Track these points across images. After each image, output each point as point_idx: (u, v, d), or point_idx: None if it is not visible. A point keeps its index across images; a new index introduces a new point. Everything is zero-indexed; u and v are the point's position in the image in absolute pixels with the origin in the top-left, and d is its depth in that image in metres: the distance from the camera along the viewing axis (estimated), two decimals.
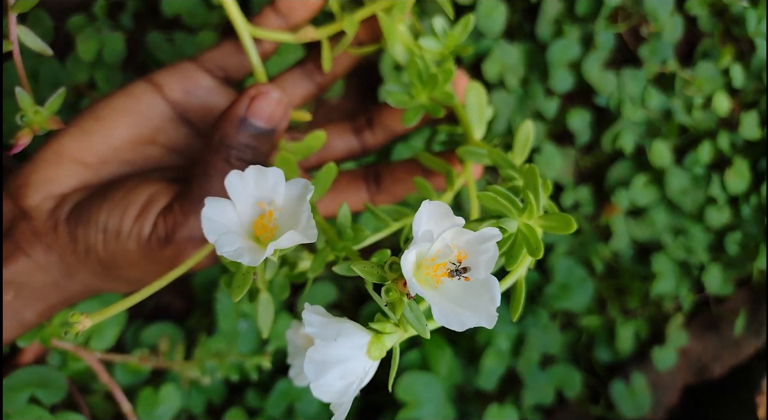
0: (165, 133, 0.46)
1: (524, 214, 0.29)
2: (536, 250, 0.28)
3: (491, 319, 0.24)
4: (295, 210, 0.28)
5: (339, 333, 0.26)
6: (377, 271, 0.26)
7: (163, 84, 0.44)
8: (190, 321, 0.80)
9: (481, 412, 0.79)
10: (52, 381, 0.62)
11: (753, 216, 0.96)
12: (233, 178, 0.28)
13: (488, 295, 0.24)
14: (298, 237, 0.27)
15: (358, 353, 0.27)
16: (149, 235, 0.40)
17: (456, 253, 0.25)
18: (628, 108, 0.88)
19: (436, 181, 0.42)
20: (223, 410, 0.76)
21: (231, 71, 0.47)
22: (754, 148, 0.97)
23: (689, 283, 0.96)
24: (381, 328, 0.27)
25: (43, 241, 0.41)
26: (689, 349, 0.98)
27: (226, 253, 0.26)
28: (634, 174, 0.91)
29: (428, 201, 0.24)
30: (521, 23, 0.88)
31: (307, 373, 0.26)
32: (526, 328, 0.84)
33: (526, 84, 0.86)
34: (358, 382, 0.27)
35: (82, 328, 0.33)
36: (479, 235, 0.25)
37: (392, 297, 0.25)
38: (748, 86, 0.97)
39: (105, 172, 0.45)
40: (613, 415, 0.90)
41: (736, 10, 0.95)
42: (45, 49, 0.41)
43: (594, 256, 0.90)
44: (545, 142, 0.87)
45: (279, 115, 0.39)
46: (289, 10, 0.44)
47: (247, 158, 0.38)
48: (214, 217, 0.27)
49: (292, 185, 0.29)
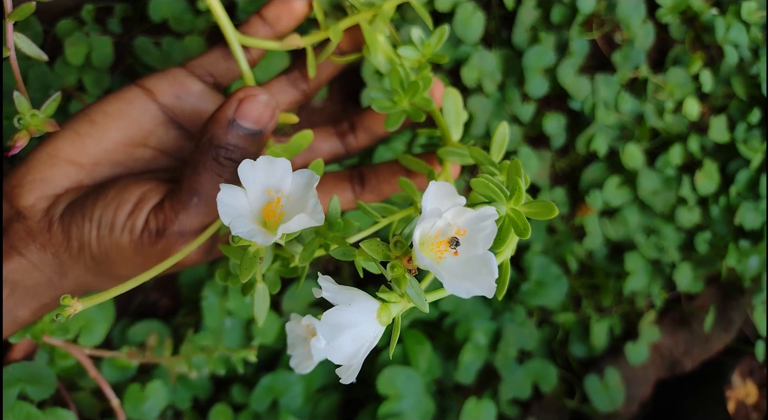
0: (156, 135, 0.47)
1: (512, 200, 0.31)
2: (524, 231, 0.31)
3: (491, 289, 0.26)
4: (302, 197, 0.31)
5: (352, 299, 0.29)
6: (383, 249, 0.29)
7: (154, 89, 0.46)
8: (176, 319, 0.81)
9: (460, 405, 0.81)
10: (41, 377, 0.63)
11: (722, 216, 0.99)
12: (246, 166, 0.30)
13: (487, 269, 0.27)
14: (306, 220, 0.29)
15: (369, 318, 0.29)
16: (141, 231, 0.41)
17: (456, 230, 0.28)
18: (602, 112, 0.91)
19: (418, 181, 0.45)
20: (208, 406, 0.78)
21: (219, 77, 0.49)
22: (723, 151, 1.01)
23: (661, 280, 0.99)
24: (388, 297, 0.29)
25: (37, 241, 0.42)
26: (661, 344, 1.01)
27: (240, 233, 0.28)
28: (607, 176, 0.94)
29: (434, 181, 0.27)
30: (498, 30, 0.91)
31: (322, 335, 0.28)
32: (504, 324, 0.86)
33: (504, 89, 0.88)
34: (367, 345, 0.29)
35: (73, 311, 0.34)
36: (478, 213, 0.28)
37: (397, 272, 0.28)
38: (717, 91, 1.00)
39: (97, 173, 0.46)
40: (588, 409, 0.93)
41: (706, 18, 0.98)
42: (41, 56, 0.42)
43: (569, 254, 0.93)
44: (522, 145, 0.89)
45: (267, 117, 0.40)
46: (275, 19, 0.46)
47: (235, 158, 0.40)
48: (228, 202, 0.29)
49: (299, 175, 0.31)
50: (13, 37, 0.42)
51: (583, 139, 0.93)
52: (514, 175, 0.32)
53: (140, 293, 0.83)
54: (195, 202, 0.40)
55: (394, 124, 0.39)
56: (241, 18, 0.78)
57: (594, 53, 0.95)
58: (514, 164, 0.33)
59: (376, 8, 0.41)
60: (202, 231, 0.40)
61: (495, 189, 0.31)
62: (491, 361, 0.86)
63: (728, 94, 1.01)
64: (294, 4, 0.45)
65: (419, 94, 0.38)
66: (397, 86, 0.38)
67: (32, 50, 0.42)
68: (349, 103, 0.87)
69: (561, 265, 0.93)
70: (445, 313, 0.85)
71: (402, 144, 0.83)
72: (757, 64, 0.98)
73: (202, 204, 0.40)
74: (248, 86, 0.40)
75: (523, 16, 0.88)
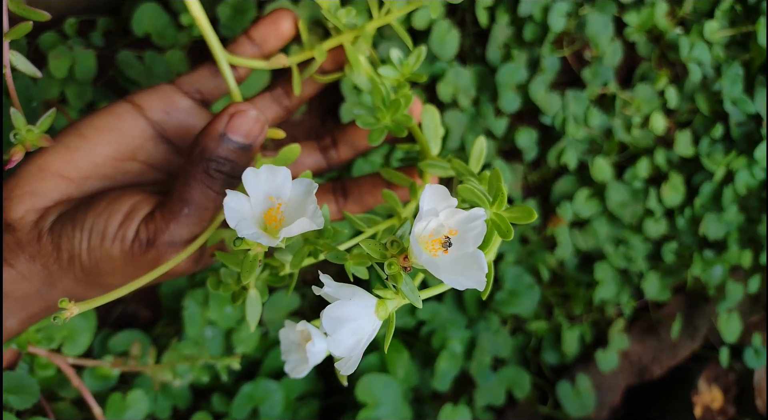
0: (145, 150, 0.48)
1: (494, 205, 0.34)
2: (507, 233, 0.34)
3: (481, 283, 0.28)
4: (301, 204, 0.33)
5: (352, 294, 0.31)
6: (380, 249, 0.31)
7: (144, 104, 0.47)
8: (156, 329, 0.82)
9: (436, 412, 0.83)
10: (25, 387, 0.63)
11: (687, 227, 1.02)
12: (249, 174, 0.32)
13: (477, 265, 0.29)
14: (307, 224, 0.31)
15: (368, 312, 0.31)
16: (132, 241, 0.42)
17: (448, 230, 0.30)
18: (572, 127, 0.94)
19: (399, 193, 0.47)
20: (188, 415, 0.78)
21: (207, 94, 0.50)
22: (688, 165, 1.04)
23: (630, 289, 1.02)
24: (384, 294, 0.32)
25: (26, 252, 0.43)
26: (630, 351, 1.04)
27: (246, 235, 0.30)
28: (577, 188, 0.97)
29: (430, 184, 0.29)
30: (473, 47, 0.94)
31: (325, 327, 0.30)
32: (478, 333, 0.88)
33: (478, 104, 0.91)
34: (366, 338, 0.31)
35: (70, 314, 0.35)
36: (469, 214, 0.30)
37: (393, 270, 0.30)
38: (682, 107, 1.04)
39: (87, 186, 0.46)
40: (560, 415, 0.95)
41: (671, 36, 1.02)
42: (35, 73, 0.44)
43: (541, 264, 0.95)
44: (495, 159, 0.92)
45: (256, 132, 0.42)
46: (262, 40, 0.47)
47: (225, 170, 0.41)
48: (234, 206, 0.31)
49: (298, 183, 0.33)
50: (9, 54, 0.43)
51: (554, 152, 0.96)
52: (496, 182, 0.34)
53: (120, 304, 0.83)
54: (185, 213, 0.41)
55: (377, 139, 0.41)
56: (224, 33, 0.80)
57: (564, 70, 0.98)
58: (495, 173, 0.35)
59: (359, 29, 0.44)
60: (192, 241, 0.41)
61: (479, 195, 0.33)
62: (467, 368, 0.88)
63: (692, 109, 1.04)
64: (281, 26, 0.47)
65: (401, 111, 0.41)
66: (380, 103, 0.40)
67: (27, 68, 0.43)
68: (329, 117, 0.89)
69: (533, 274, 0.95)
70: (422, 322, 0.87)
71: (380, 157, 0.85)
72: (719, 81, 1.02)
73: (192, 214, 0.41)
74: (239, 102, 0.41)
75: (497, 33, 0.91)
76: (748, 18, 1.04)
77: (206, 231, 0.41)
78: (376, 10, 0.44)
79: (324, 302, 0.92)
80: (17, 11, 0.43)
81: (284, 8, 0.47)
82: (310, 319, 0.86)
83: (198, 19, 0.42)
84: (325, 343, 0.33)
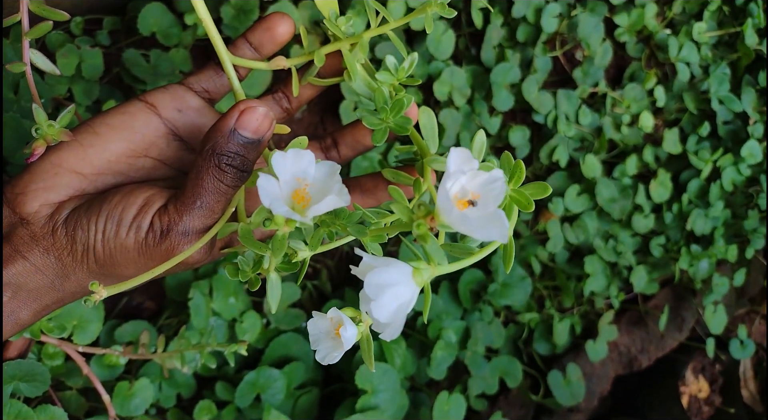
0: (157, 147, 0.50)
1: (512, 182, 0.37)
2: (528, 205, 0.37)
3: (504, 237, 0.31)
4: (325, 184, 0.36)
5: (389, 263, 0.34)
6: (408, 212, 0.34)
7: (157, 103, 0.49)
8: (161, 321, 0.84)
9: (432, 400, 0.86)
10: (36, 375, 0.65)
11: (675, 222, 1.05)
12: (277, 157, 0.35)
13: (499, 221, 0.31)
14: (336, 200, 0.33)
15: (407, 279, 0.34)
16: (146, 232, 0.43)
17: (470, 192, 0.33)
18: (563, 125, 0.96)
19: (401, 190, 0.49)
20: (191, 403, 0.81)
21: (213, 92, 0.52)
22: (676, 162, 1.07)
23: (619, 282, 1.05)
24: (417, 264, 0.35)
25: (40, 245, 0.44)
26: (619, 342, 1.07)
27: (281, 212, 0.32)
28: (568, 184, 1.00)
29: (455, 147, 0.32)
30: (468, 47, 0.96)
31: (368, 293, 0.32)
32: (472, 323, 0.91)
33: (472, 102, 0.93)
34: (407, 304, 0.34)
35: (99, 297, 0.37)
36: (489, 176, 0.33)
37: (422, 230, 0.33)
38: (670, 106, 1.07)
39: (100, 182, 0.48)
40: (551, 403, 0.98)
41: (660, 37, 1.05)
42: (55, 70, 0.46)
43: (533, 257, 0.98)
44: (489, 156, 0.94)
45: (265, 127, 0.44)
46: (258, 45, 0.50)
47: (235, 164, 0.43)
48: (267, 187, 0.33)
49: (321, 165, 0.36)
50: (29, 53, 0.45)
51: (545, 150, 0.99)
52: (510, 163, 0.37)
53: (125, 296, 0.86)
54: (198, 205, 0.43)
55: (381, 139, 0.44)
56: (226, 32, 0.82)
57: (556, 70, 1.01)
58: (506, 156, 0.38)
59: (357, 37, 0.46)
60: (204, 232, 0.44)
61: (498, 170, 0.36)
62: (461, 358, 0.91)
63: (681, 108, 1.07)
64: (276, 31, 0.49)
65: (402, 111, 0.43)
66: (382, 104, 0.43)
67: (47, 65, 0.45)
68: (327, 114, 0.92)
69: (525, 267, 0.98)
70: (419, 313, 0.90)
71: (377, 154, 0.87)
72: (707, 80, 1.05)
73: (204, 207, 0.43)
74: (247, 99, 0.44)
75: (491, 34, 0.94)
76: (735, 19, 1.07)
77: (218, 223, 0.44)
78: (374, 19, 0.46)
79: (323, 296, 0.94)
80: (37, 11, 0.45)
81: (278, 13, 0.49)
82: (308, 311, 0.89)
83: (205, 22, 0.44)
84: (355, 328, 0.36)
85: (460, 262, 0.37)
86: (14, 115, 0.71)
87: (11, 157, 0.73)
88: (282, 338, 0.83)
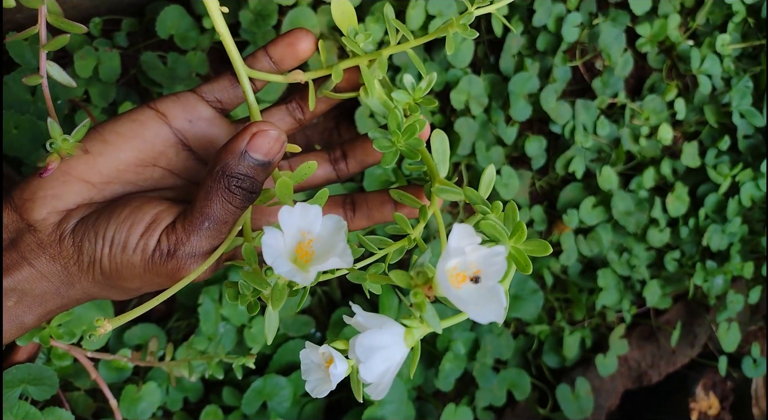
0: (166, 157, 0.50)
1: (513, 239, 0.36)
2: (526, 267, 0.36)
3: (500, 317, 0.30)
4: (330, 239, 0.35)
5: (383, 323, 0.34)
6: (407, 278, 0.33)
7: (167, 113, 0.49)
8: (169, 324, 0.85)
9: (439, 411, 0.85)
10: (45, 378, 0.65)
11: (690, 237, 1.04)
12: (284, 212, 0.34)
13: (497, 299, 0.31)
14: (338, 262, 0.33)
15: (397, 341, 0.34)
16: (153, 251, 0.43)
17: (471, 264, 0.32)
18: (581, 135, 0.95)
19: (406, 211, 0.49)
20: (198, 408, 0.81)
21: (226, 103, 0.52)
22: (694, 175, 1.06)
23: (631, 296, 1.03)
24: (410, 323, 0.34)
25: (47, 252, 0.44)
26: (629, 357, 1.06)
27: (282, 272, 0.32)
28: (584, 196, 0.99)
29: (457, 224, 0.32)
30: (486, 55, 0.95)
31: (357, 355, 0.32)
32: (482, 335, 0.90)
33: (489, 111, 0.92)
34: (395, 365, 0.34)
35: (103, 331, 0.38)
36: (491, 251, 0.32)
37: (418, 299, 0.32)
38: (690, 118, 1.05)
39: (108, 191, 0.48)
40: (559, 417, 0.97)
41: (682, 48, 1.03)
42: (71, 83, 0.45)
43: (545, 269, 0.97)
44: (504, 165, 0.94)
45: (276, 150, 0.44)
46: (280, 60, 0.49)
47: (245, 186, 0.43)
48: (270, 244, 0.33)
49: (328, 219, 0.36)
50: (46, 65, 0.45)
51: (562, 160, 0.98)
52: (513, 217, 0.37)
53: (135, 298, 0.86)
54: (206, 226, 0.43)
55: (390, 162, 0.43)
56: (244, 37, 0.82)
57: (575, 79, 1.00)
58: (511, 207, 0.38)
59: (376, 54, 0.45)
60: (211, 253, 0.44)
61: (500, 230, 0.36)
62: (469, 369, 0.90)
63: (700, 121, 1.06)
64: (298, 47, 0.49)
65: (415, 135, 0.43)
66: (395, 128, 0.43)
67: (63, 78, 0.45)
68: (343, 119, 0.91)
69: (537, 279, 0.97)
70: None
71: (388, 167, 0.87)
72: (729, 93, 1.03)
73: (212, 228, 0.43)
74: (260, 121, 0.43)
75: (511, 42, 0.93)
76: (760, 31, 1.05)
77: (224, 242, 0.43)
78: (394, 36, 0.45)
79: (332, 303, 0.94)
80: (55, 23, 0.45)
81: (302, 29, 0.49)
82: (319, 316, 0.89)
83: (223, 36, 0.44)
84: (345, 365, 0.35)
85: (453, 318, 0.37)
86: (30, 116, 0.72)
87: (26, 158, 0.74)
88: (290, 344, 0.83)
